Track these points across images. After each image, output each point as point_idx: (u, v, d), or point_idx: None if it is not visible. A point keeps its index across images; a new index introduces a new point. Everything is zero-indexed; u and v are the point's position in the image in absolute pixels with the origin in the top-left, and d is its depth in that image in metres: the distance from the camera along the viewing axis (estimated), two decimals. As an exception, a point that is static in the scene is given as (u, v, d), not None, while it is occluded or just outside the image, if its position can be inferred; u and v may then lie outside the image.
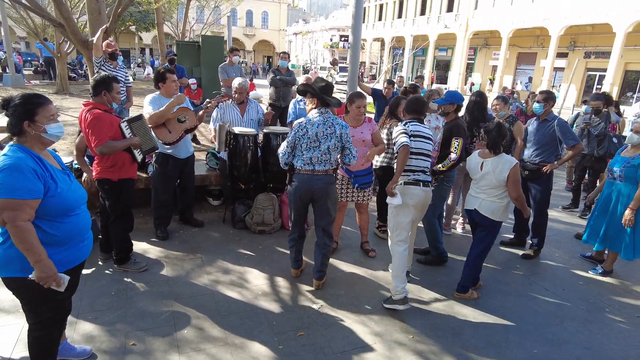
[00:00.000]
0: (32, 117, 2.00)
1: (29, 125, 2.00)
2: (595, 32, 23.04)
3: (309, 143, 3.27)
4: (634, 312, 3.50)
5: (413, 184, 3.34)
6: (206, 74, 9.69)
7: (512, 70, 29.25)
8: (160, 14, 18.07)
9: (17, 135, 2.02)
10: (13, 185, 1.87)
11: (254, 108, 4.71)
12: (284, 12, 54.34)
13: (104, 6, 7.06)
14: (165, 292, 3.35)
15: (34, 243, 1.92)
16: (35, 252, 1.92)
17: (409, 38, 29.17)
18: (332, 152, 3.30)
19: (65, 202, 2.07)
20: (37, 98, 2.06)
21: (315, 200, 3.40)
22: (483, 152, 3.50)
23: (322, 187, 3.33)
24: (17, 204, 1.88)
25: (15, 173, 1.89)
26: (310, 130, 3.26)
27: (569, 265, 4.29)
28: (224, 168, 4.70)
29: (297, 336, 2.91)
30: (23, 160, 1.94)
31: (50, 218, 2.03)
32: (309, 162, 3.30)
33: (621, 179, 3.91)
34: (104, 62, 5.10)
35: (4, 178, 1.87)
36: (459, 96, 4.05)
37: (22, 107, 1.99)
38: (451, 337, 3.02)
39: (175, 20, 27.32)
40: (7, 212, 1.87)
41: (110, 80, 3.31)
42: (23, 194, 1.89)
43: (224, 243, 4.27)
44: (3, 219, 1.88)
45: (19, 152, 1.98)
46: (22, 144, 2.01)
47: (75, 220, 2.14)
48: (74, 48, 13.60)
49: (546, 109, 4.32)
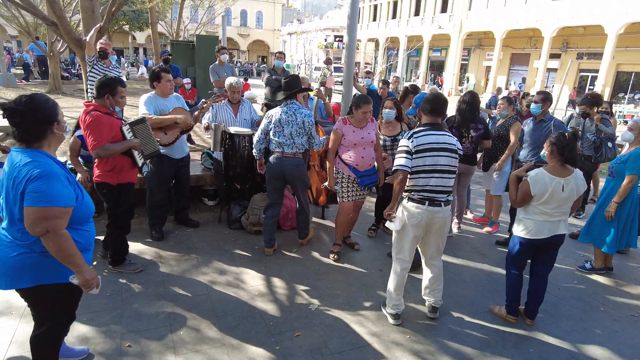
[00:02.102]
0: (57, 117, 1.93)
1: (56, 127, 1.92)
2: (588, 34, 23.26)
3: (274, 128, 3.84)
4: (628, 311, 3.53)
5: (416, 202, 2.90)
6: (200, 74, 9.64)
7: (506, 71, 29.43)
8: (154, 13, 17.94)
9: (38, 141, 1.90)
10: (54, 193, 1.81)
11: (247, 108, 4.70)
12: (279, 12, 54.30)
13: (97, 5, 7.00)
14: (160, 293, 3.32)
15: (74, 250, 1.89)
16: (77, 258, 1.90)
17: (403, 38, 29.18)
18: (295, 137, 3.82)
19: (88, 209, 2.06)
20: (46, 97, 1.97)
21: (288, 179, 3.99)
22: (554, 168, 2.96)
23: (290, 167, 3.89)
24: (59, 212, 1.83)
25: (53, 180, 1.82)
26: (275, 117, 3.84)
27: (564, 265, 4.32)
28: (218, 168, 4.68)
29: (294, 336, 2.90)
30: (54, 167, 1.88)
31: (75, 226, 1.99)
32: (278, 145, 3.86)
33: (613, 175, 3.99)
34: (97, 62, 5.05)
35: (42, 186, 1.79)
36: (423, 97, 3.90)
37: (45, 110, 1.89)
38: (448, 337, 3.02)
39: (169, 19, 27.17)
40: (51, 221, 1.80)
41: (115, 84, 3.23)
42: (65, 201, 1.85)
43: (219, 243, 4.25)
44: (45, 228, 1.80)
45: (45, 157, 1.89)
46: (40, 149, 1.91)
47: (92, 226, 2.14)
48: (66, 47, 13.48)
49: (544, 109, 4.35)
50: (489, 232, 4.98)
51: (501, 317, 3.29)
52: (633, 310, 3.55)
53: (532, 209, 3.01)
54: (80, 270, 1.91)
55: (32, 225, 1.80)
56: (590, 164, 5.42)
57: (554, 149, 2.94)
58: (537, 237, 3.02)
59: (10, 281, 1.95)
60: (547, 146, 3.01)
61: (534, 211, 3.01)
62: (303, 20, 56.87)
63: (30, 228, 1.81)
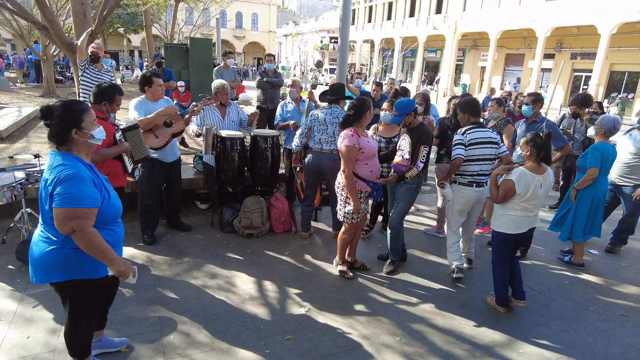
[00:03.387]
0: (79, 124, 2.02)
1: (76, 133, 2.01)
2: (581, 34, 23.39)
3: (318, 126, 4.27)
4: (617, 311, 3.55)
5: (466, 185, 3.69)
6: (194, 77, 9.64)
7: (501, 71, 29.55)
8: (149, 16, 17.95)
9: (62, 144, 2.01)
10: (78, 195, 1.92)
11: (233, 110, 4.71)
12: (274, 14, 54.29)
13: (89, 9, 6.98)
14: (151, 297, 3.32)
15: (103, 244, 2.00)
16: (108, 252, 2.01)
17: (398, 39, 29.29)
18: (335, 135, 4.12)
19: (116, 210, 2.17)
20: (79, 104, 2.09)
21: (324, 173, 4.34)
22: (533, 167, 3.19)
23: (328, 162, 4.25)
24: (84, 212, 1.94)
25: (79, 182, 1.93)
26: (320, 116, 4.28)
27: (555, 265, 4.34)
28: (208, 172, 4.67)
29: (284, 340, 2.90)
30: (82, 169, 1.98)
31: (103, 225, 2.09)
32: (318, 142, 4.27)
33: (578, 170, 4.23)
34: (88, 66, 5.04)
35: (69, 188, 1.90)
36: (410, 102, 3.76)
37: (69, 115, 2.00)
38: (438, 339, 3.03)
39: (164, 22, 27.16)
40: (76, 220, 1.92)
41: (114, 92, 3.26)
42: (89, 202, 1.95)
43: (211, 247, 4.25)
44: (72, 227, 1.92)
45: (74, 160, 2.00)
46: (70, 152, 2.02)
47: (120, 227, 2.24)
48: (60, 50, 13.44)
49: (535, 110, 4.38)
50: (480, 233, 5.00)
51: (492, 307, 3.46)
52: (623, 310, 3.57)
53: (513, 205, 3.23)
54: (112, 263, 2.03)
55: (60, 224, 1.93)
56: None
57: (532, 150, 3.17)
58: (518, 231, 3.29)
59: (44, 275, 2.08)
60: (525, 147, 3.21)
61: (515, 207, 3.23)
62: (298, 22, 56.91)
63: (59, 227, 1.94)
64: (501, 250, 3.39)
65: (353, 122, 3.51)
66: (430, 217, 5.48)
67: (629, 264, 4.46)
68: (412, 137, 3.68)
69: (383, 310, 3.35)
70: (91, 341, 2.42)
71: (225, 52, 7.40)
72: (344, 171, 3.48)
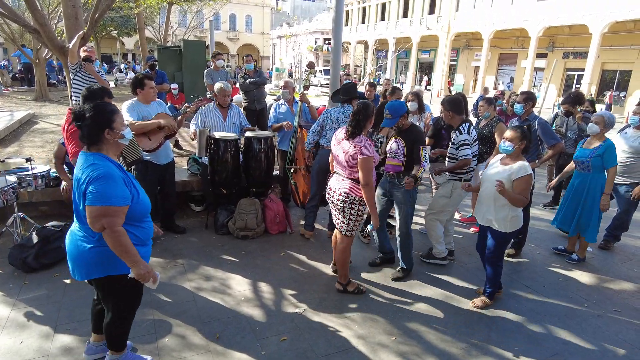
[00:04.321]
0: (111, 124, 2.11)
1: (108, 133, 2.10)
2: (573, 33, 23.59)
3: (331, 124, 4.31)
4: (611, 307, 3.57)
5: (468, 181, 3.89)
6: (188, 79, 9.62)
7: (494, 71, 29.73)
8: (142, 18, 17.89)
9: (95, 144, 2.10)
10: (109, 193, 2.00)
11: (236, 112, 4.71)
12: (268, 15, 54.27)
13: (80, 12, 6.94)
14: (146, 300, 3.28)
15: (129, 245, 2.06)
16: (132, 254, 2.07)
17: (392, 40, 29.39)
18: None
19: (145, 207, 2.25)
20: (109, 106, 2.18)
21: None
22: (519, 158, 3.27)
23: None
24: (115, 210, 2.02)
25: (110, 181, 2.02)
26: (333, 114, 4.33)
27: (549, 262, 4.36)
28: (205, 173, 4.66)
29: (280, 341, 2.90)
30: (112, 169, 2.07)
31: (133, 222, 2.18)
32: (329, 140, 3.99)
33: (589, 169, 4.16)
34: (79, 70, 5.02)
35: (100, 187, 1.99)
36: (402, 104, 3.71)
37: (100, 116, 2.08)
38: (434, 338, 3.04)
39: (157, 24, 27.08)
40: (106, 218, 2.00)
41: (103, 94, 3.22)
42: (119, 201, 2.03)
43: (206, 249, 4.24)
44: (102, 225, 2.00)
45: (105, 160, 2.09)
46: (100, 152, 2.11)
47: (149, 223, 2.32)
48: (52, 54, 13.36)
49: (526, 109, 4.40)
50: (475, 232, 5.02)
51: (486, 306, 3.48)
52: (616, 306, 3.59)
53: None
54: (134, 264, 2.09)
55: (92, 222, 2.01)
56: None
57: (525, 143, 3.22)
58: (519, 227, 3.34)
59: (85, 272, 2.18)
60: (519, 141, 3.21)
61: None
62: (292, 23, 56.94)
63: (91, 224, 2.02)
64: (504, 248, 3.45)
65: (363, 129, 3.21)
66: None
67: (622, 261, 4.50)
68: (407, 139, 3.64)
69: (378, 309, 3.35)
70: (128, 335, 2.51)
71: (214, 54, 7.27)
72: (367, 184, 3.12)
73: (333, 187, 3.38)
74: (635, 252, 4.69)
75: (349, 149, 3.19)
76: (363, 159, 3.10)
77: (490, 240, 3.37)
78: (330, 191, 3.42)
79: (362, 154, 3.10)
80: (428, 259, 4.18)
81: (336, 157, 3.36)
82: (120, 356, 2.47)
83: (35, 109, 11.29)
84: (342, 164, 3.28)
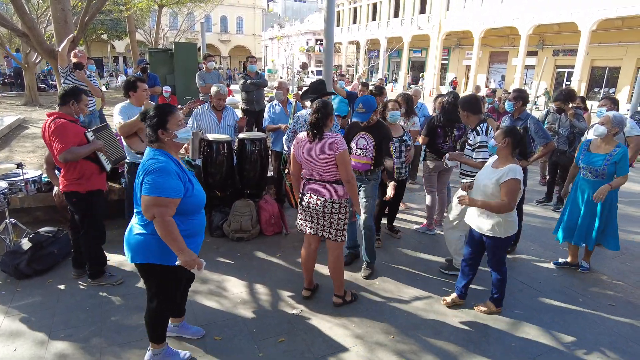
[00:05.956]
0: (164, 125, 2.27)
1: (162, 133, 2.27)
2: (562, 31, 23.82)
3: (300, 128, 4.16)
4: (605, 301, 3.60)
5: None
6: (180, 81, 9.58)
7: (485, 69, 29.94)
8: (132, 21, 17.80)
9: (156, 142, 2.30)
10: (163, 185, 2.16)
11: (230, 114, 4.70)
12: (259, 17, 54.23)
13: (70, 15, 6.88)
14: (141, 305, 3.25)
15: (177, 235, 2.21)
16: (179, 242, 2.21)
17: (384, 40, 29.47)
18: None
19: (198, 202, 2.39)
20: (168, 107, 2.36)
21: None
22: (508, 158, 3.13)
23: None
24: (166, 201, 2.17)
25: (165, 175, 2.18)
26: (301, 118, 4.22)
27: (544, 258, 4.39)
28: (198, 176, 4.63)
29: (277, 342, 2.88)
30: (168, 164, 2.24)
31: (185, 215, 2.33)
32: None
33: (603, 177, 3.80)
34: (70, 73, 4.97)
35: (155, 179, 2.16)
36: (372, 100, 3.67)
37: (156, 118, 2.27)
38: (431, 336, 3.04)
39: (148, 27, 26.94)
40: (158, 208, 2.15)
41: (79, 92, 3.30)
42: (171, 193, 2.19)
43: (201, 252, 4.09)
44: (153, 214, 2.16)
45: (163, 156, 2.27)
46: (161, 149, 2.30)
47: (201, 217, 2.48)
48: (42, 58, 13.24)
49: (516, 107, 4.42)
50: None
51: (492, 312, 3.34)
52: (611, 300, 3.62)
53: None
54: (181, 253, 2.22)
55: (145, 210, 2.19)
56: (566, 158, 5.52)
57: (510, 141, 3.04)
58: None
59: (132, 256, 2.35)
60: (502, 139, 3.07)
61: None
62: (284, 24, 56.92)
63: (144, 212, 2.20)
64: (504, 253, 3.30)
65: (325, 127, 3.06)
66: (420, 215, 5.50)
67: (615, 255, 4.53)
68: (375, 135, 3.66)
69: (376, 309, 3.35)
70: (167, 328, 2.62)
71: (205, 56, 7.31)
72: (350, 180, 3.05)
73: (314, 195, 3.14)
74: (628, 247, 4.73)
75: (323, 148, 3.01)
76: (341, 152, 2.99)
77: (488, 247, 3.23)
78: (310, 200, 3.15)
79: (339, 148, 2.99)
80: (447, 271, 3.96)
81: (309, 163, 3.11)
82: (160, 349, 2.57)
83: (25, 114, 11.18)
84: (319, 168, 3.08)
